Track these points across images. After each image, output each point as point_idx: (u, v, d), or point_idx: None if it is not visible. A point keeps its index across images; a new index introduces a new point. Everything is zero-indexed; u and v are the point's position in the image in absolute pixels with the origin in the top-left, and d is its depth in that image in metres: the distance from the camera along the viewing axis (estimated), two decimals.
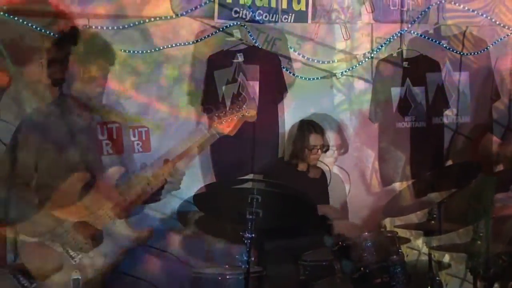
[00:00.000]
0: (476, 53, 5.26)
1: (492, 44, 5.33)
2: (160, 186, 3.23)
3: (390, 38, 5.14)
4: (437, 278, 4.10)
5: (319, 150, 4.61)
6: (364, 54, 5.14)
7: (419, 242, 4.92)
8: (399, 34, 5.14)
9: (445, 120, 5.23)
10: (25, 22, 4.27)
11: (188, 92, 4.78)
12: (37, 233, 3.06)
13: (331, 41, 5.11)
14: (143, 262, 4.42)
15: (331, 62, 5.09)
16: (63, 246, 3.06)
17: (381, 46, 5.15)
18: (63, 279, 3.03)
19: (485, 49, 5.30)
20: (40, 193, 3.23)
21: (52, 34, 4.27)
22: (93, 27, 4.37)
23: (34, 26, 4.29)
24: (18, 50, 4.28)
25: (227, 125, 3.41)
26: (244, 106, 3.50)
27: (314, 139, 4.59)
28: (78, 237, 3.06)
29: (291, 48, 4.98)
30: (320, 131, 4.66)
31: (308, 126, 4.67)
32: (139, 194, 3.16)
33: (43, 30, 4.31)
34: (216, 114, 3.42)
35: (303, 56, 5.01)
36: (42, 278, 3.03)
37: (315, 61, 5.03)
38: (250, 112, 3.51)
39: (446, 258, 4.83)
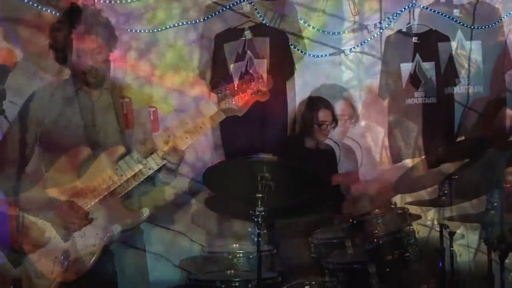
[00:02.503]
0: (488, 26, 5.18)
1: (506, 15, 5.20)
2: (158, 167, 3.14)
3: (400, 10, 5.06)
4: (451, 248, 4.09)
5: (329, 126, 4.58)
6: (375, 24, 5.07)
7: (431, 215, 4.91)
8: (408, 7, 5.07)
9: (457, 90, 5.17)
10: (30, 2, 4.26)
11: (198, 67, 4.78)
12: (28, 208, 3.05)
13: (339, 18, 5.06)
14: (154, 240, 4.46)
15: (341, 33, 5.04)
16: (52, 224, 3.05)
17: (393, 18, 5.07)
18: (51, 257, 3.03)
19: (499, 21, 5.22)
20: (45, 166, 3.22)
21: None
22: (101, 1, 4.35)
23: (40, 7, 4.30)
24: (25, 30, 4.29)
25: (237, 101, 3.14)
26: (258, 81, 3.17)
27: (323, 115, 4.55)
28: (66, 216, 3.05)
29: (301, 19, 4.93)
30: (329, 106, 4.62)
31: (317, 102, 4.63)
32: (135, 175, 3.10)
33: (49, 11, 4.30)
34: (226, 88, 3.14)
35: (313, 28, 4.95)
36: (29, 251, 3.03)
37: (325, 32, 4.98)
38: (263, 86, 3.17)
39: (460, 230, 4.82)
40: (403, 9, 5.08)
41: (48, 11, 4.32)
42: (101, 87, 3.23)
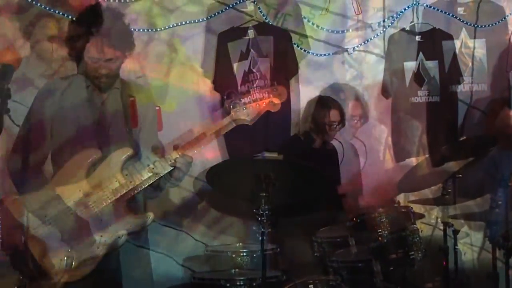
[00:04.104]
0: (492, 24, 5.16)
1: (511, 13, 5.15)
2: (167, 173, 3.13)
3: (404, 9, 5.05)
4: (455, 247, 4.09)
5: (337, 126, 4.58)
6: (379, 23, 5.06)
7: (435, 214, 4.91)
8: (412, 6, 5.06)
9: (461, 89, 5.15)
10: (39, 4, 4.28)
11: (202, 66, 4.78)
12: (37, 209, 3.03)
13: (343, 17, 5.05)
14: (158, 239, 4.46)
15: (344, 31, 5.03)
16: (57, 226, 3.04)
17: (396, 17, 5.06)
18: (56, 258, 3.01)
19: (503, 19, 5.19)
20: (54, 165, 3.22)
21: (66, 15, 4.28)
22: (105, 0, 4.36)
23: (48, 8, 4.30)
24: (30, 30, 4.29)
25: (250, 111, 3.18)
26: (273, 91, 3.21)
27: (333, 115, 4.56)
28: (70, 229, 3.03)
29: (304, 18, 4.93)
30: (338, 107, 4.63)
31: (327, 102, 4.64)
32: (144, 180, 3.10)
33: (57, 11, 4.31)
34: (240, 99, 3.18)
35: (317, 26, 4.95)
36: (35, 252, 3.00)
37: (329, 31, 4.98)
38: (278, 97, 3.20)
39: (464, 228, 4.82)
40: (406, 8, 5.08)
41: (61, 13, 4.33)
42: (111, 88, 3.23)
